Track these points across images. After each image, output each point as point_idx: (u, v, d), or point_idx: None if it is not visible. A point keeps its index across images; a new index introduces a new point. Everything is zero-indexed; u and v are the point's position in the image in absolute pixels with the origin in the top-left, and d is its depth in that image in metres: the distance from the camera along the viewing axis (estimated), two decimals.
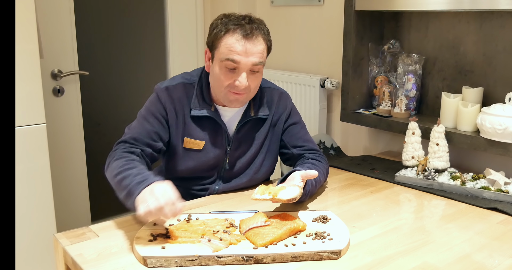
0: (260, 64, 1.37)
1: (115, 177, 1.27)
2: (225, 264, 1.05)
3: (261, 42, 1.37)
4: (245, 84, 1.35)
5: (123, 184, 1.22)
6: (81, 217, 2.41)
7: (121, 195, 1.23)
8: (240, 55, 1.33)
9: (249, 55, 1.34)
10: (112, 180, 1.30)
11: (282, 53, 2.52)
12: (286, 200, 1.22)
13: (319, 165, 1.50)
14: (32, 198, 1.76)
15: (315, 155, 1.55)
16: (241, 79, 1.35)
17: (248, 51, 1.33)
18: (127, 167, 1.28)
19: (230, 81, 1.36)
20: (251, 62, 1.34)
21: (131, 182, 1.20)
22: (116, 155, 1.35)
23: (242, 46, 1.33)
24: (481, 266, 1.08)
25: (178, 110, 1.45)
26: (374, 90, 2.05)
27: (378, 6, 1.86)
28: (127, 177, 1.23)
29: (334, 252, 1.09)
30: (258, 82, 1.43)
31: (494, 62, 1.72)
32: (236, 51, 1.33)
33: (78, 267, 1.06)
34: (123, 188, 1.22)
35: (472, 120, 1.67)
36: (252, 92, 1.43)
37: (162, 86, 1.46)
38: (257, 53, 1.35)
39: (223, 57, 1.34)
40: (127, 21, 2.95)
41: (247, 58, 1.34)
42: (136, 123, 1.45)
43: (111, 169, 1.32)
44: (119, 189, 1.24)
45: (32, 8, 1.66)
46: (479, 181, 1.54)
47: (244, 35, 1.34)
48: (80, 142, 2.36)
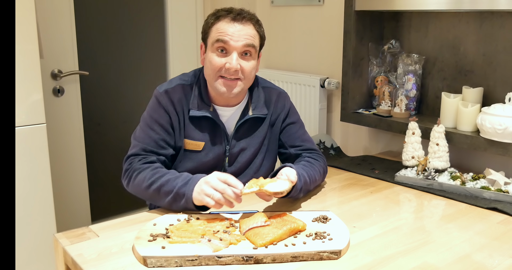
0: (251, 47, 1.38)
1: (149, 187, 1.31)
2: (225, 264, 1.05)
3: (251, 27, 1.39)
4: (235, 66, 1.36)
5: (164, 191, 1.29)
6: (81, 217, 2.41)
7: (163, 202, 1.30)
8: (230, 35, 1.35)
9: (239, 36, 1.36)
10: (145, 191, 1.33)
11: (282, 53, 2.52)
12: (272, 192, 1.23)
13: (315, 164, 1.49)
14: (32, 198, 1.76)
15: (313, 154, 1.54)
16: (231, 60, 1.36)
17: (238, 32, 1.36)
18: (158, 175, 1.32)
19: (221, 65, 1.37)
20: (241, 43, 1.36)
21: (176, 185, 1.27)
22: (136, 169, 1.37)
23: (231, 27, 1.36)
24: (481, 266, 1.08)
25: (179, 112, 1.45)
26: (374, 90, 2.05)
27: (378, 6, 1.86)
28: (166, 183, 1.29)
29: (334, 252, 1.09)
30: (251, 69, 1.41)
31: (494, 62, 1.72)
32: (226, 32, 1.36)
33: (78, 267, 1.06)
34: (165, 194, 1.29)
35: (472, 120, 1.67)
36: (246, 80, 1.41)
37: (161, 90, 1.45)
38: (246, 35, 1.37)
39: (214, 40, 1.37)
40: (127, 21, 2.95)
41: (237, 39, 1.35)
42: (142, 133, 1.44)
43: (138, 182, 1.34)
44: (159, 197, 1.31)
45: (32, 8, 1.66)
46: (479, 181, 1.54)
47: (233, 18, 1.37)
48: (80, 142, 2.36)
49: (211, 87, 1.44)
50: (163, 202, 1.31)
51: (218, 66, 1.37)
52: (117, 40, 2.95)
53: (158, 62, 2.78)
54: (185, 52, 2.71)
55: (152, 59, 2.91)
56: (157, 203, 1.34)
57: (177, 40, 2.66)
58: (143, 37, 2.96)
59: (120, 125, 2.92)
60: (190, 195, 1.25)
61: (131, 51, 2.99)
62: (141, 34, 2.96)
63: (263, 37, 1.45)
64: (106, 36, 2.91)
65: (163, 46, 2.69)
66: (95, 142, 2.75)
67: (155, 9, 2.73)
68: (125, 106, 2.98)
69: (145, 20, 2.92)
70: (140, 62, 2.99)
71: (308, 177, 1.41)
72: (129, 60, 3.00)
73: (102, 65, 2.88)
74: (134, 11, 2.95)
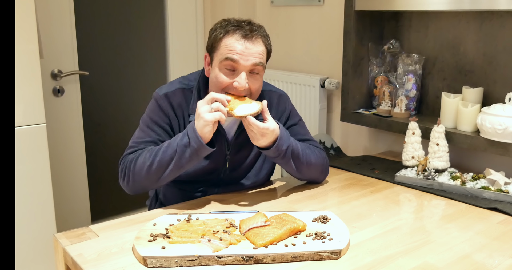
0: (260, 65, 1.35)
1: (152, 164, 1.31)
2: (225, 264, 1.05)
3: (260, 43, 1.36)
4: (244, 85, 1.32)
5: (168, 155, 1.30)
6: (81, 217, 2.41)
7: (172, 165, 1.30)
8: (239, 54, 1.31)
9: (248, 55, 1.32)
10: (149, 171, 1.32)
11: (282, 53, 2.52)
12: (238, 116, 1.25)
13: (313, 149, 1.49)
14: (32, 198, 1.76)
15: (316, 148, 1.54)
16: (240, 80, 1.32)
17: (247, 51, 1.32)
18: (154, 151, 1.33)
19: (228, 83, 1.34)
20: (250, 62, 1.32)
21: (176, 143, 1.29)
22: (129, 160, 1.36)
23: (241, 46, 1.32)
24: (481, 266, 1.08)
25: (179, 116, 1.43)
26: (374, 90, 2.05)
27: (378, 6, 1.86)
28: (166, 149, 1.31)
29: (334, 252, 1.09)
30: (259, 85, 1.39)
31: (494, 62, 1.72)
32: (236, 51, 1.31)
33: (78, 267, 1.06)
34: (170, 157, 1.30)
35: (472, 120, 1.67)
36: (253, 96, 1.39)
37: (161, 93, 1.43)
38: (256, 53, 1.33)
39: (222, 57, 1.33)
40: (127, 21, 2.95)
41: (247, 58, 1.32)
42: (141, 134, 1.42)
43: (139, 169, 1.33)
44: (166, 164, 1.31)
45: (32, 8, 1.66)
46: (479, 181, 1.54)
47: (244, 35, 1.33)
48: (80, 142, 2.36)
49: None
50: (172, 166, 1.30)
51: (225, 84, 1.34)
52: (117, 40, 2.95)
53: (158, 63, 2.78)
54: (185, 52, 2.71)
55: (152, 60, 2.91)
56: (166, 173, 1.32)
57: (177, 40, 2.66)
58: (143, 38, 2.96)
59: (120, 125, 2.92)
60: (194, 136, 1.26)
61: (131, 51, 2.99)
62: (141, 35, 2.96)
63: (270, 51, 1.42)
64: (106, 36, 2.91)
65: (163, 46, 2.69)
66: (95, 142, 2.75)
67: (155, 10, 2.73)
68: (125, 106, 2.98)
69: (145, 20, 2.92)
70: (140, 62, 2.99)
71: (300, 147, 1.42)
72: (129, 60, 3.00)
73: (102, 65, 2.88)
74: (134, 12, 2.95)
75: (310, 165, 1.48)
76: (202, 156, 1.31)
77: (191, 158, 1.29)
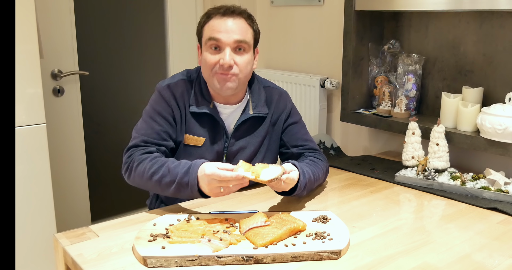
0: (244, 43, 1.38)
1: (151, 178, 1.32)
2: (225, 264, 1.05)
3: (242, 21, 1.40)
4: (228, 61, 1.36)
5: (166, 182, 1.30)
6: (81, 217, 2.41)
7: (167, 192, 1.31)
8: (221, 32, 1.36)
9: (230, 31, 1.36)
10: (147, 183, 1.34)
11: (282, 53, 2.52)
12: (267, 181, 1.23)
13: (319, 163, 1.50)
14: (32, 198, 1.76)
15: (315, 154, 1.55)
16: (224, 56, 1.36)
17: (229, 27, 1.36)
18: (157, 166, 1.32)
19: (215, 62, 1.38)
20: (232, 38, 1.36)
21: (177, 175, 1.28)
22: (136, 160, 1.37)
23: (223, 23, 1.37)
24: (481, 266, 1.08)
25: (181, 106, 1.46)
26: (374, 90, 2.05)
27: (378, 6, 1.86)
28: (167, 173, 1.29)
29: (334, 252, 1.09)
30: (246, 63, 1.41)
31: (494, 62, 1.72)
32: (217, 29, 1.37)
33: (78, 267, 1.06)
34: (168, 185, 1.29)
35: (472, 120, 1.67)
36: (242, 74, 1.40)
37: (164, 84, 1.47)
38: (238, 30, 1.37)
39: (207, 38, 1.38)
40: (127, 21, 2.95)
41: (228, 34, 1.36)
42: (144, 125, 1.44)
43: (139, 173, 1.35)
44: (162, 188, 1.32)
45: (32, 8, 1.66)
46: (479, 181, 1.54)
47: (224, 13, 1.38)
48: (80, 142, 2.36)
49: (209, 85, 1.46)
50: (168, 193, 1.32)
51: (212, 63, 1.38)
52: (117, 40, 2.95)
53: (158, 62, 2.78)
54: (185, 52, 2.71)
55: (152, 59, 2.91)
56: (161, 193, 1.36)
57: (177, 40, 2.66)
58: (143, 37, 2.97)
59: (120, 125, 2.92)
60: (194, 184, 1.25)
61: (131, 51, 2.99)
62: (141, 34, 2.96)
63: (257, 31, 1.45)
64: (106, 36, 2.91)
65: (163, 46, 2.69)
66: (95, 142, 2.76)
67: (155, 9, 2.73)
68: (125, 106, 2.98)
69: (145, 20, 2.93)
70: (140, 62, 3.00)
71: (312, 175, 1.41)
72: (129, 60, 3.00)
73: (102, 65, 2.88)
74: (134, 11, 2.95)
75: (319, 183, 1.52)
76: (195, 198, 1.33)
77: (185, 195, 1.31)
